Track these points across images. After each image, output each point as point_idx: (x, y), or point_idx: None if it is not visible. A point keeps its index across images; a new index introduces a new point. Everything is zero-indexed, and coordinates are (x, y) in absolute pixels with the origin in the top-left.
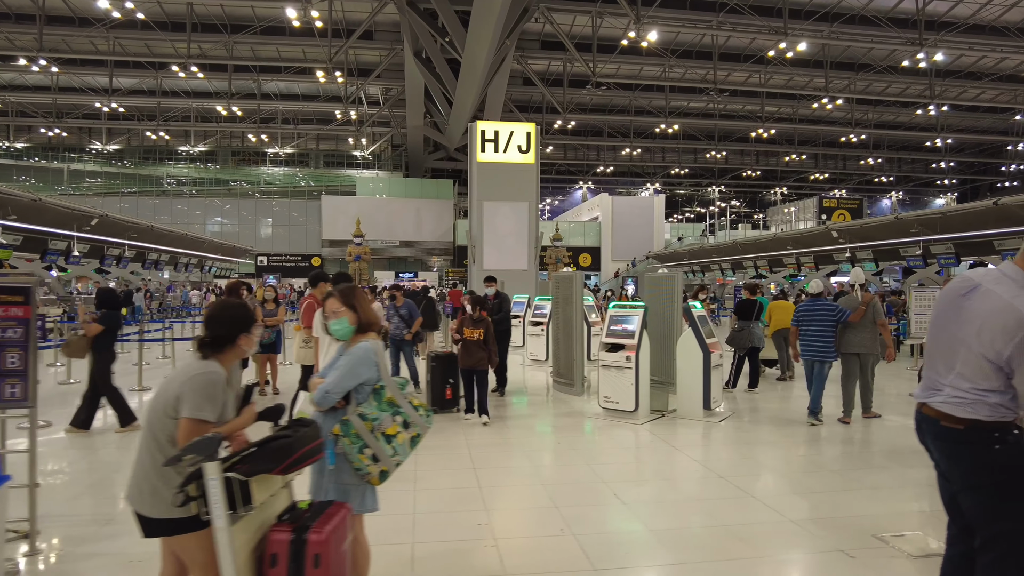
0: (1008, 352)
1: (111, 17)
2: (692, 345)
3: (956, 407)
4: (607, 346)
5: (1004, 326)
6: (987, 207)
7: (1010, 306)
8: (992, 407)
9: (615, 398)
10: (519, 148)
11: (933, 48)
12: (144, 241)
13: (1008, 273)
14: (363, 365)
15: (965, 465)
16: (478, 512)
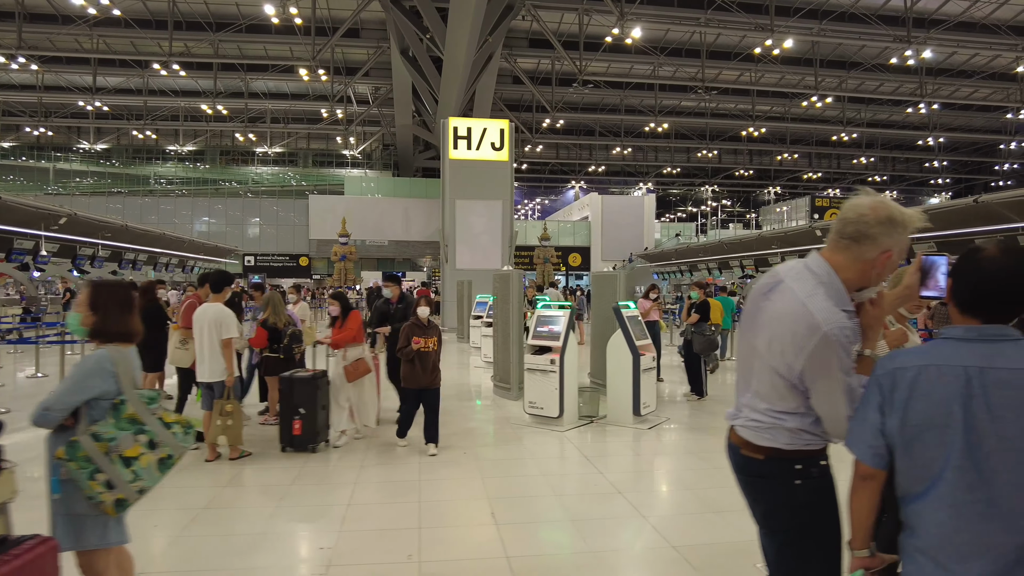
0: (800, 366)
1: (88, 14)
2: (622, 347)
3: (753, 432)
4: (532, 348)
5: (794, 333)
6: (967, 205)
7: (802, 308)
8: (792, 433)
9: (540, 403)
10: (492, 145)
11: (922, 45)
12: (120, 241)
13: (811, 266)
14: (93, 377)
15: (764, 503)
16: (325, 533)
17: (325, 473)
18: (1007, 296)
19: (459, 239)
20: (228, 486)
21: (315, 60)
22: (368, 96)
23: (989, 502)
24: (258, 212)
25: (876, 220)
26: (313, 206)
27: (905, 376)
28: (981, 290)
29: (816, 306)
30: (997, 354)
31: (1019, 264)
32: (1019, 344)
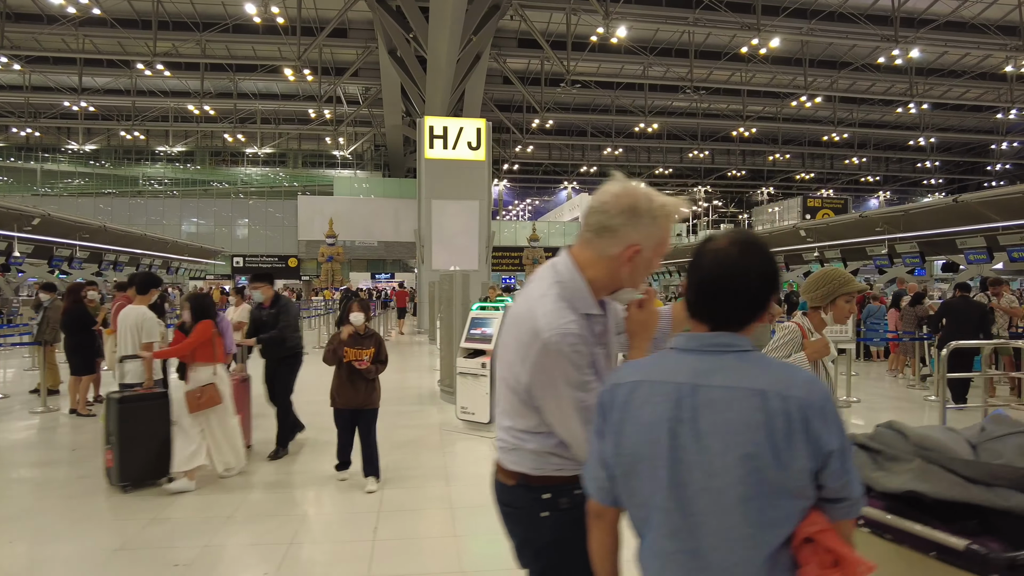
0: (526, 378)
1: (67, 13)
2: None
3: (502, 454)
4: (465, 352)
5: (518, 341)
6: (948, 204)
7: (528, 312)
8: (537, 456)
9: (472, 408)
10: (469, 145)
11: (910, 45)
12: (98, 242)
13: (556, 264)
14: None
15: (513, 537)
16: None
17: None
18: (730, 298)
19: (435, 239)
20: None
21: (301, 60)
22: (358, 96)
23: (694, 554)
24: (247, 213)
25: (617, 210)
26: (302, 207)
27: (619, 394)
28: (702, 290)
29: (541, 309)
30: (716, 369)
31: (745, 259)
32: (744, 357)
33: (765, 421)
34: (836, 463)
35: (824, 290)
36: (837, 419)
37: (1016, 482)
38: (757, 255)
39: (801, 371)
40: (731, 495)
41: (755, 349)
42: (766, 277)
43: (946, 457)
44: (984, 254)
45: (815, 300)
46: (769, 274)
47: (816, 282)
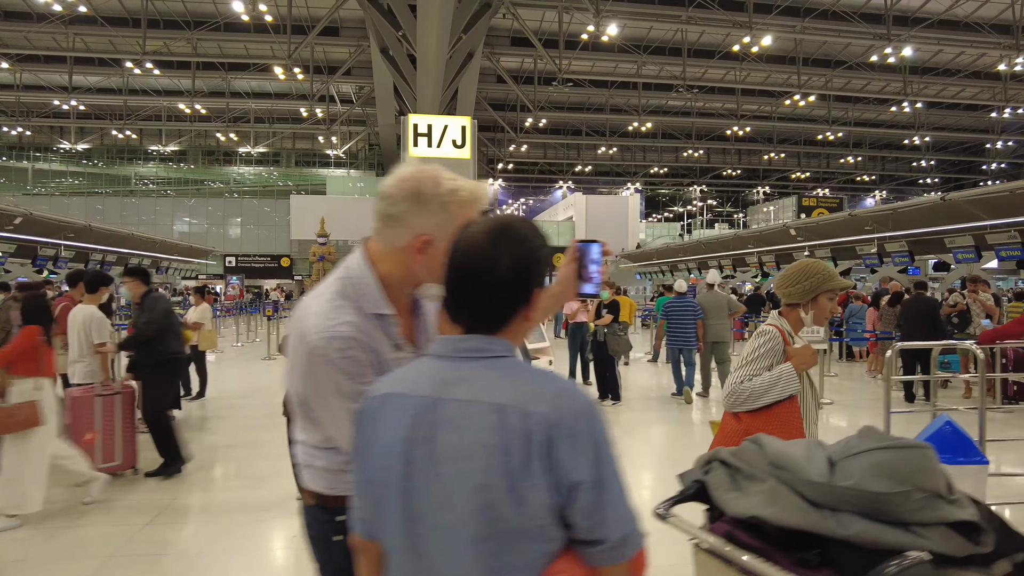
0: (300, 386)
1: (54, 11)
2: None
3: (299, 471)
4: None
5: (293, 346)
6: (935, 203)
7: (303, 312)
8: (329, 474)
9: None
10: (454, 143)
11: (902, 43)
12: (84, 241)
13: (350, 258)
14: None
15: (316, 561)
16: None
17: None
18: (477, 293)
19: None
20: None
21: (291, 59)
22: (351, 95)
23: None
24: (240, 212)
25: (401, 196)
26: (295, 206)
27: (368, 410)
28: (449, 285)
29: (313, 309)
30: (461, 379)
31: (496, 247)
32: (495, 364)
33: (500, 444)
34: (586, 497)
35: (805, 285)
36: (594, 442)
37: (861, 507)
38: (510, 241)
39: (560, 382)
40: (463, 535)
41: (513, 354)
42: (520, 267)
43: (796, 478)
44: (972, 253)
45: (793, 296)
46: (523, 264)
47: (795, 276)
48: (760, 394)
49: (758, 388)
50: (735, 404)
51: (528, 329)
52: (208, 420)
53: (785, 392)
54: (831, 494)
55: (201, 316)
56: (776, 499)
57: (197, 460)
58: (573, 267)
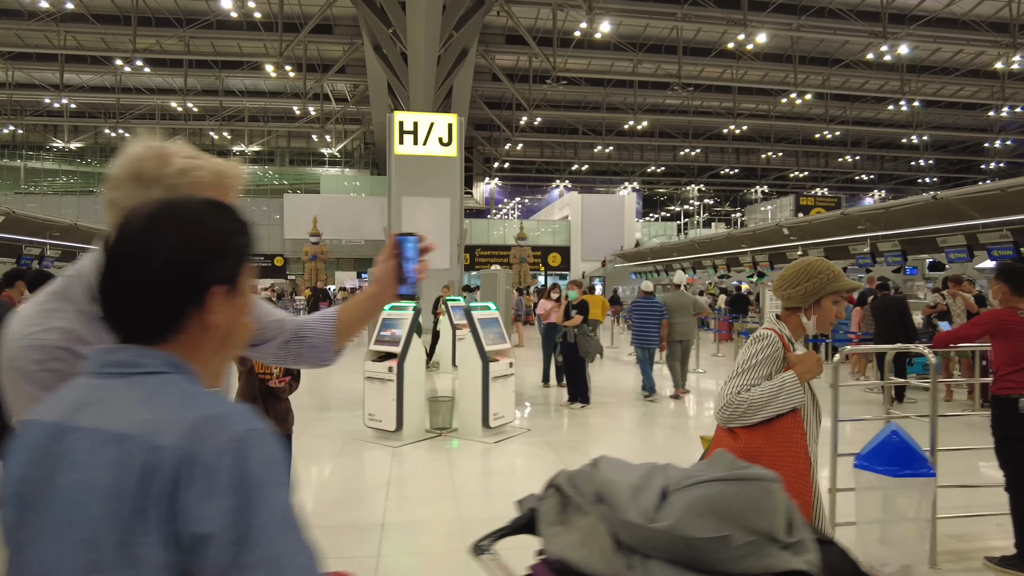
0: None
1: (40, 8)
2: (471, 352)
3: None
4: (373, 355)
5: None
6: (927, 202)
7: (17, 312)
8: None
9: (379, 415)
10: (440, 140)
11: (898, 41)
12: (71, 240)
13: (86, 255)
14: None
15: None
16: None
17: None
18: (125, 293)
19: None
20: None
21: (282, 56)
22: (346, 94)
23: None
24: None
25: (123, 178)
26: (288, 205)
27: (25, 438)
28: (100, 283)
29: (21, 312)
30: (96, 401)
31: (151, 234)
32: (139, 383)
33: (114, 486)
34: (218, 557)
35: (807, 287)
36: (240, 485)
37: (672, 553)
38: (172, 225)
39: (212, 407)
40: None
41: (175, 371)
42: (184, 258)
43: (614, 515)
44: (964, 252)
45: (794, 299)
46: (190, 253)
47: (795, 276)
48: (759, 407)
49: (757, 400)
50: (731, 418)
51: (232, 342)
52: None
53: (787, 404)
54: (643, 537)
55: None
56: (590, 540)
57: None
58: (392, 264)
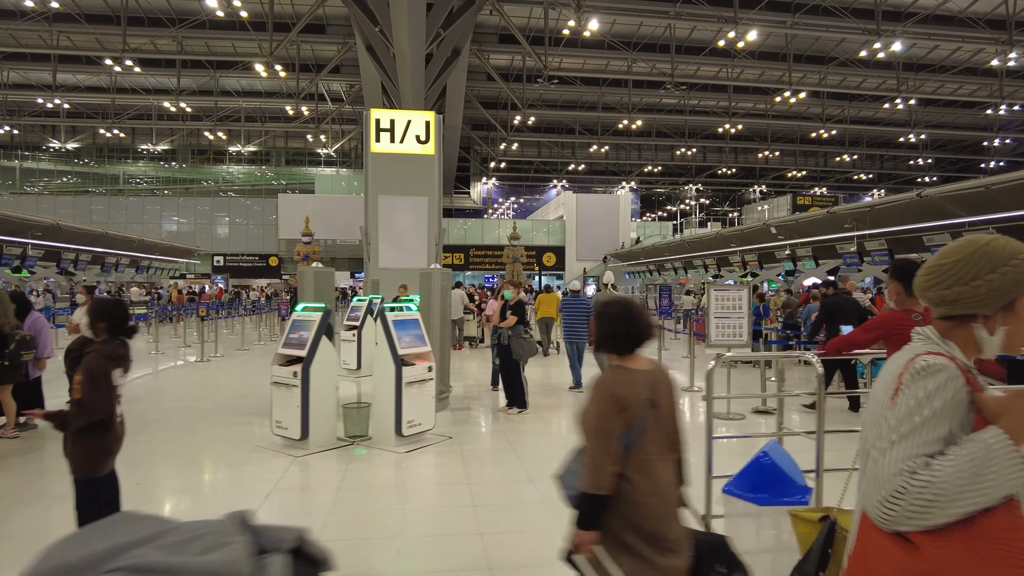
0: None
1: (24, 7)
2: (385, 356)
3: None
4: (281, 359)
5: None
6: (912, 200)
7: None
8: None
9: (285, 423)
10: (417, 138)
11: (891, 38)
12: (55, 240)
13: None
14: None
15: None
16: None
17: None
18: None
19: (382, 236)
20: None
21: (273, 56)
22: (342, 94)
23: None
24: (229, 211)
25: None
26: (283, 205)
27: None
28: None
29: None
30: None
31: None
32: None
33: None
34: None
35: (991, 282)
36: None
37: None
38: None
39: None
40: None
41: None
42: None
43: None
44: None
45: (965, 303)
46: None
47: (967, 266)
48: (953, 494)
49: (948, 481)
50: (909, 516)
51: None
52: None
53: (999, 489)
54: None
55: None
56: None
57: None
58: None
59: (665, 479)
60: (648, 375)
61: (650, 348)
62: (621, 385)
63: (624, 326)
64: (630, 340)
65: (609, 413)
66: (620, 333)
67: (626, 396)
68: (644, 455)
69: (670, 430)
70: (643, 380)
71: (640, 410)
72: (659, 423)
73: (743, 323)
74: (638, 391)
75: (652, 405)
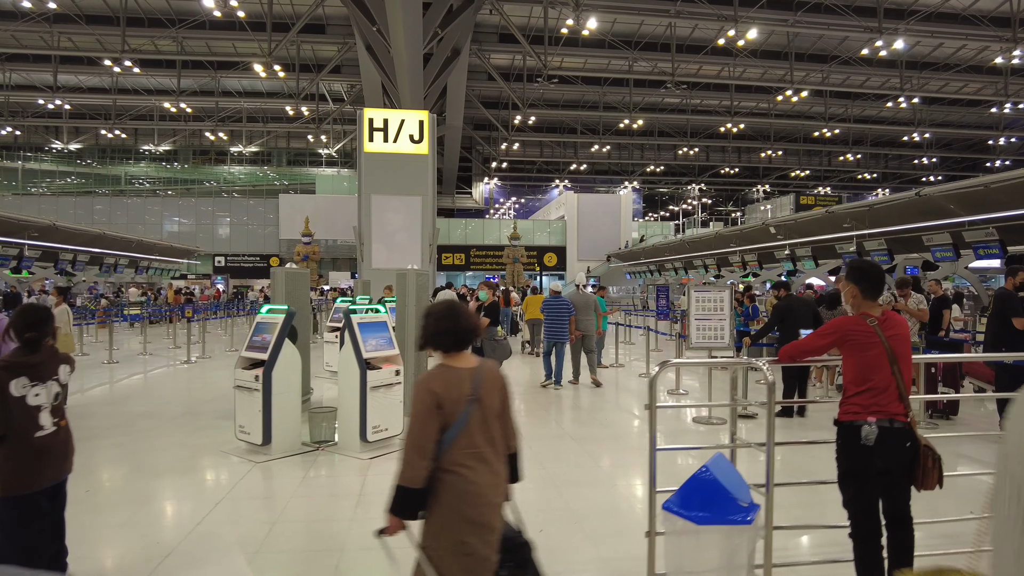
0: None
1: (22, 7)
2: (350, 360)
3: None
4: (244, 362)
5: None
6: (911, 199)
7: None
8: None
9: (248, 427)
10: (411, 138)
11: (893, 36)
12: (51, 241)
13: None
14: None
15: None
16: None
17: None
18: None
19: (375, 237)
20: None
21: (272, 56)
22: (343, 94)
23: None
24: (230, 212)
25: None
26: (283, 206)
27: None
28: None
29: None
30: None
31: None
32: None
33: None
34: None
35: None
36: None
37: None
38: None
39: None
40: None
41: None
42: None
43: None
44: (951, 251)
45: None
46: None
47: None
48: None
49: None
50: None
51: None
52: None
53: None
54: None
55: (57, 319)
56: None
57: None
58: None
59: (494, 471)
60: (472, 372)
61: (640, 349)
62: (439, 382)
63: (447, 325)
64: (454, 338)
65: (425, 412)
66: (443, 331)
67: (444, 393)
68: (472, 448)
69: (498, 425)
70: (465, 377)
71: (460, 406)
72: (484, 419)
73: (724, 325)
74: (458, 388)
75: (475, 401)
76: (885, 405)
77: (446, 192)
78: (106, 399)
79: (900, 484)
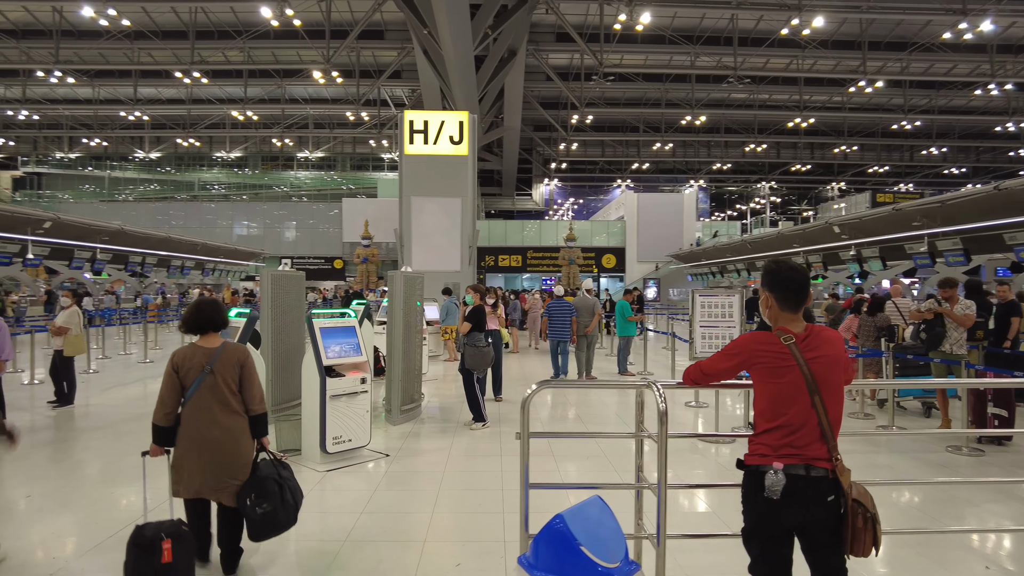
0: None
1: (99, 26)
2: (311, 366)
3: None
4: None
5: None
6: (989, 193)
7: None
8: None
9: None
10: (451, 139)
11: (978, 17)
12: (119, 244)
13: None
14: None
15: None
16: None
17: None
18: None
19: (415, 239)
20: None
21: (329, 63)
22: (404, 98)
23: None
24: (296, 216)
25: None
26: (346, 209)
27: None
28: None
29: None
30: None
31: None
32: None
33: None
34: None
35: None
36: None
37: None
38: None
39: None
40: None
41: None
42: None
43: None
44: None
45: None
46: None
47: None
48: None
49: None
50: None
51: None
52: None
53: None
54: None
55: (67, 320)
56: None
57: None
58: None
59: (220, 424)
60: (212, 351)
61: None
62: (181, 354)
63: (191, 315)
64: (197, 325)
65: (167, 374)
66: (190, 320)
67: (181, 362)
68: (205, 406)
69: (229, 392)
70: (204, 353)
71: (193, 373)
72: (215, 386)
73: (734, 333)
74: (195, 360)
75: (209, 372)
76: (801, 447)
77: (505, 194)
78: (105, 400)
79: (824, 547)
